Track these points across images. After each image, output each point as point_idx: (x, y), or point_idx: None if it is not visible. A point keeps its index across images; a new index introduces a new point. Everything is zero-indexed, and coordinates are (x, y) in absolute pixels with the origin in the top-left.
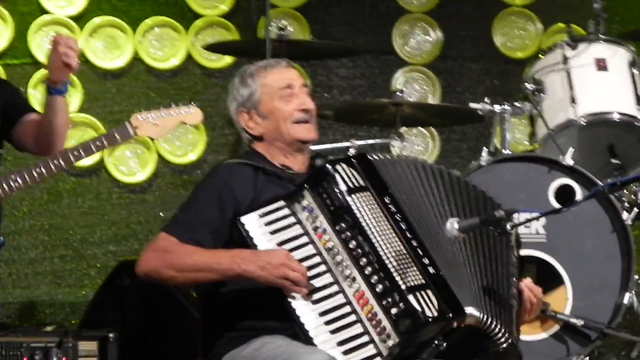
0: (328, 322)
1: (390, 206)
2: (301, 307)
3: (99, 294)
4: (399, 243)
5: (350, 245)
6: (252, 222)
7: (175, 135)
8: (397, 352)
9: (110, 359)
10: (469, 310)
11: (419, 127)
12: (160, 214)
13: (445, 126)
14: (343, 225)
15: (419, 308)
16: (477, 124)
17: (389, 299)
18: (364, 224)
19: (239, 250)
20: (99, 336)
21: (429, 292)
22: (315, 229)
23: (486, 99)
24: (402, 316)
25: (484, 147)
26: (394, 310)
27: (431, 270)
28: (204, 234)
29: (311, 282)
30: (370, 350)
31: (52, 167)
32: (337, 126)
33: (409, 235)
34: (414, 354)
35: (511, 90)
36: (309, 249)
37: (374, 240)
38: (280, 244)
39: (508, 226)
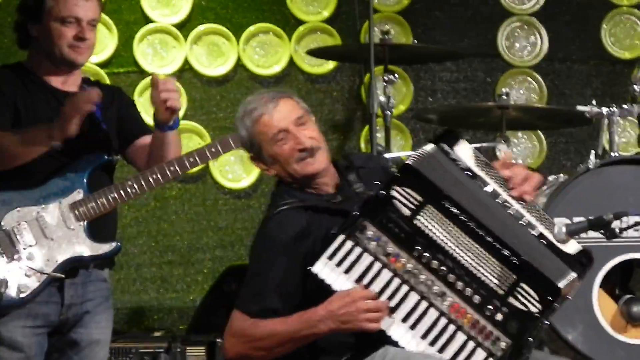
0: (432, 343)
1: (452, 210)
2: (401, 336)
3: (207, 299)
4: (476, 245)
5: (433, 266)
6: (323, 269)
7: None
8: (511, 350)
9: None
10: (564, 281)
11: (525, 130)
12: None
13: (552, 129)
14: (419, 248)
15: (523, 308)
16: (584, 126)
17: (490, 307)
18: (439, 240)
19: (310, 311)
20: (207, 341)
21: (523, 285)
22: (387, 254)
23: (594, 101)
24: (509, 319)
25: (592, 150)
26: (499, 317)
27: (514, 260)
28: (275, 299)
29: (400, 306)
30: (480, 354)
31: (168, 173)
32: (441, 130)
33: (481, 232)
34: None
35: (619, 92)
36: (386, 274)
37: (454, 254)
38: (358, 279)
39: (617, 229)
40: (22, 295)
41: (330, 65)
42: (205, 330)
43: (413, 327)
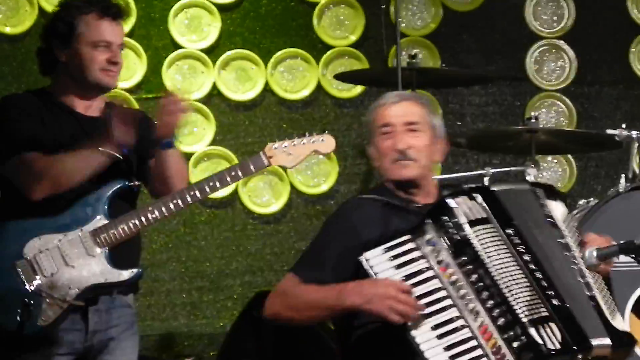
0: (453, 357)
1: (513, 238)
2: (425, 341)
3: (236, 325)
4: (522, 275)
5: (472, 279)
6: (376, 258)
7: (308, 166)
8: None
9: None
10: (598, 341)
11: (555, 154)
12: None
13: (582, 153)
14: (464, 258)
15: (540, 341)
16: (614, 150)
17: (511, 332)
18: (484, 256)
19: (344, 284)
20: None
21: (552, 324)
22: (439, 262)
23: (623, 125)
24: (524, 349)
25: (622, 174)
26: (515, 344)
27: (555, 302)
28: (328, 272)
29: (436, 315)
30: None
31: (189, 198)
32: (471, 154)
33: (533, 267)
34: None
35: None
36: (434, 283)
37: (494, 273)
38: (406, 278)
39: None
40: (43, 324)
41: (357, 89)
42: (235, 356)
43: (440, 337)
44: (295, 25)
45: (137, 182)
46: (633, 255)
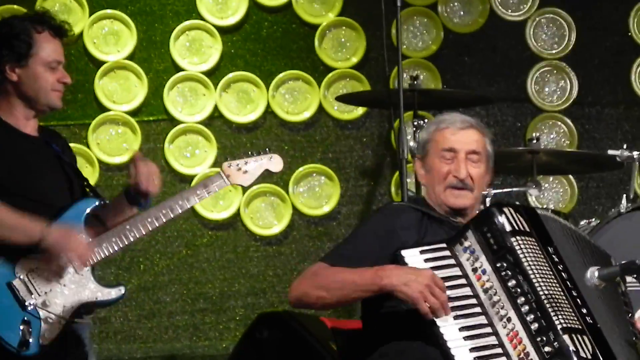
0: (479, 358)
1: (553, 256)
2: (452, 339)
3: (239, 346)
4: (559, 289)
5: (509, 284)
6: (412, 257)
7: (310, 187)
8: None
9: None
10: None
11: (556, 175)
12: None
13: (583, 173)
14: (504, 264)
15: (573, 348)
16: (615, 170)
17: (543, 337)
18: (525, 264)
19: (383, 265)
20: None
21: (584, 337)
22: (475, 270)
23: (624, 145)
24: (555, 355)
25: (624, 194)
26: (547, 349)
27: (589, 319)
28: (359, 267)
29: (464, 319)
30: None
31: (162, 217)
32: None
33: (569, 284)
34: None
35: None
36: (466, 291)
37: (534, 281)
38: None
39: None
40: (44, 343)
41: (359, 111)
42: None
43: (467, 338)
44: (297, 47)
45: (106, 201)
46: (635, 276)
